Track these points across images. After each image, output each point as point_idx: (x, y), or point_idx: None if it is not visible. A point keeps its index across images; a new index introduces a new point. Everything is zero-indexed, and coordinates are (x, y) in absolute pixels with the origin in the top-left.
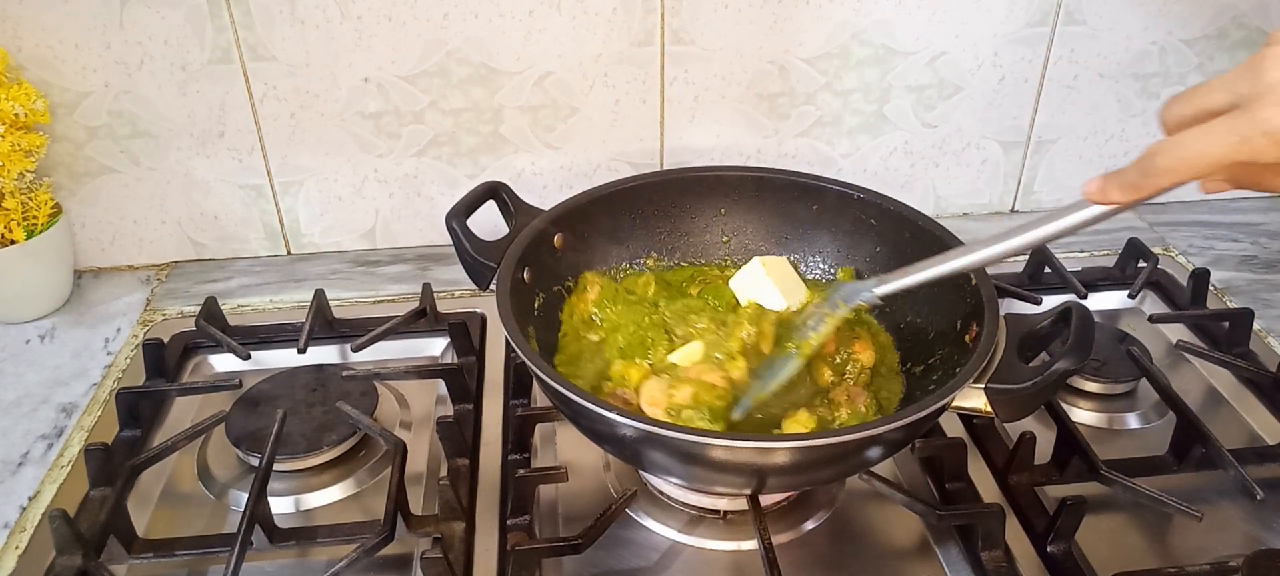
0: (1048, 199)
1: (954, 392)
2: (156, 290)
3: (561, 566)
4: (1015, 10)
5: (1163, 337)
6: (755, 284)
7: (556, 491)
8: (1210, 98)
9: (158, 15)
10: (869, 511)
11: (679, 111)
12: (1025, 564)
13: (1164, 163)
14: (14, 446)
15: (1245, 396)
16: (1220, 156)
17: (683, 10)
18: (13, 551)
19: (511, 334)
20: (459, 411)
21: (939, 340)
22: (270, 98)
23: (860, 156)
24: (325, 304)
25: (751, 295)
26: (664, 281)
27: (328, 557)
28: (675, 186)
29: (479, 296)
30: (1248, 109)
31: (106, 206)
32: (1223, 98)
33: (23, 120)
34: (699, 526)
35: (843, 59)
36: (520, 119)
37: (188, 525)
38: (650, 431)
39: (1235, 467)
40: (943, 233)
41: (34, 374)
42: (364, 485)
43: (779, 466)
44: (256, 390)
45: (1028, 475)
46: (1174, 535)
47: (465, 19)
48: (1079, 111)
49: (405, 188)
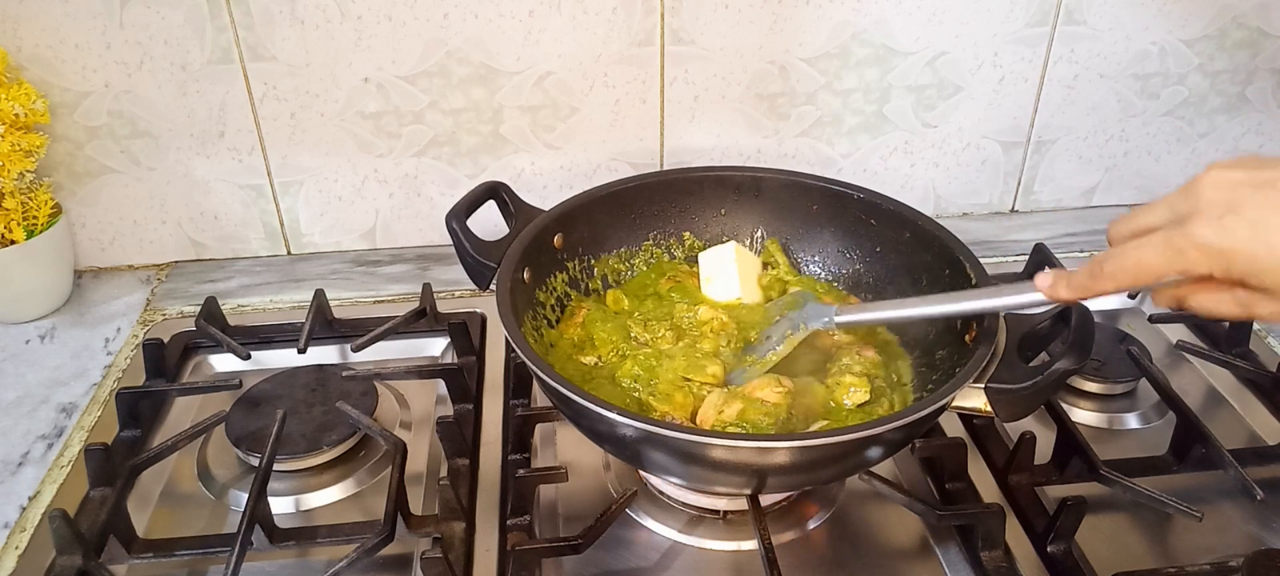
0: (1047, 199)
1: (954, 392)
2: (156, 290)
3: (561, 566)
4: (1015, 10)
5: (1163, 337)
6: (722, 265)
7: (556, 491)
8: (1152, 215)
9: (158, 15)
10: (869, 511)
11: (679, 111)
12: (1025, 564)
13: (1109, 269)
14: (14, 446)
15: (1245, 396)
16: (1157, 266)
17: (683, 10)
18: (13, 551)
19: (511, 334)
20: (459, 411)
21: (939, 340)
22: (270, 98)
23: (860, 156)
24: (325, 304)
25: (713, 273)
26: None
27: (328, 557)
28: (675, 186)
29: (479, 296)
30: (1183, 224)
31: (106, 206)
32: (1164, 215)
33: (23, 120)
34: (699, 526)
35: (843, 59)
36: (520, 119)
37: (188, 525)
38: (650, 431)
39: (1235, 467)
40: (943, 233)
41: (34, 374)
42: (364, 485)
43: (779, 466)
44: (256, 390)
45: (1028, 475)
46: (1174, 535)
47: (465, 19)
48: (1079, 111)
49: (405, 188)
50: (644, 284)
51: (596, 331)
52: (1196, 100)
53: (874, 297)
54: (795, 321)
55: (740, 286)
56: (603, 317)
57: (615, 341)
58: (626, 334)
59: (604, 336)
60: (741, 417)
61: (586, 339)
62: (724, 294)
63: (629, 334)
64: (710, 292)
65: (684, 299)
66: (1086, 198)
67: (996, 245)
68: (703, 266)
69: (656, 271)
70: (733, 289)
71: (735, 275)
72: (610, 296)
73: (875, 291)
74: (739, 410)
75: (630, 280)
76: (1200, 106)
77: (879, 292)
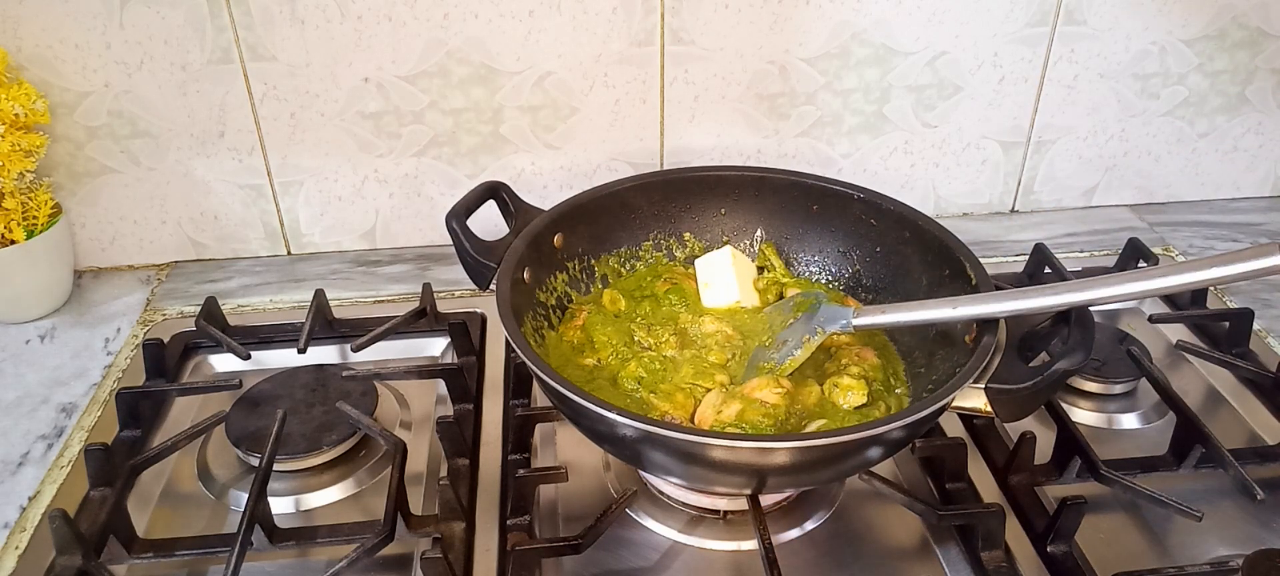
0: (1048, 199)
1: (954, 392)
2: (156, 290)
3: (561, 566)
4: (1015, 10)
5: (1163, 338)
6: (719, 271)
7: (556, 491)
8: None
9: (158, 15)
10: (869, 511)
11: (679, 111)
12: (1025, 564)
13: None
14: (14, 446)
15: (1245, 396)
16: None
17: (683, 10)
18: (13, 551)
19: (511, 334)
20: (459, 411)
21: (939, 340)
22: (270, 98)
23: (860, 156)
24: (325, 304)
25: (710, 279)
26: (626, 290)
27: (328, 557)
28: (675, 186)
29: (479, 296)
30: None
31: (106, 206)
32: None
33: (23, 120)
34: (699, 526)
35: (843, 59)
36: (520, 119)
37: (188, 525)
38: (650, 431)
39: (1235, 467)
40: (943, 233)
41: (34, 374)
42: (364, 485)
43: (779, 466)
44: (256, 390)
45: (1028, 475)
46: (1174, 535)
47: (465, 19)
48: (1079, 111)
49: (405, 188)
50: (640, 284)
51: (597, 334)
52: (1196, 100)
53: (874, 298)
54: (812, 325)
55: (738, 290)
56: (603, 321)
57: (615, 344)
58: (628, 337)
59: (604, 339)
60: (740, 418)
61: (586, 342)
62: (723, 299)
63: (631, 337)
64: (709, 298)
65: (681, 301)
66: (1086, 198)
67: (996, 245)
68: (700, 272)
69: (653, 272)
70: (732, 293)
71: (733, 279)
72: (607, 295)
73: (875, 292)
74: (738, 410)
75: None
76: (1200, 106)
77: (879, 293)
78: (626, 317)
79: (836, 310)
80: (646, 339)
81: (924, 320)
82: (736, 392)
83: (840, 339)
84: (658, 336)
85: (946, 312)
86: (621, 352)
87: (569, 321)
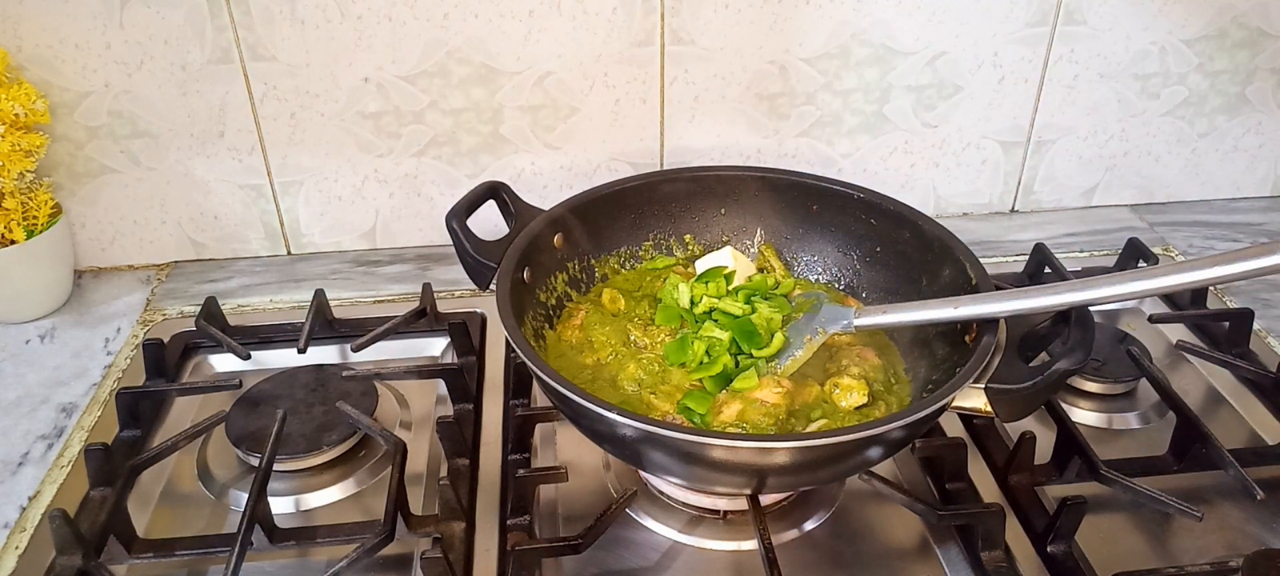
0: (1048, 199)
1: (954, 392)
2: (156, 290)
3: (561, 566)
4: (1015, 10)
5: (1163, 338)
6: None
7: (556, 491)
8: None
9: (158, 15)
10: (869, 511)
11: (679, 111)
12: (1025, 564)
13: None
14: (14, 446)
15: (1245, 396)
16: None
17: (683, 10)
18: (13, 551)
19: (511, 334)
20: (459, 411)
21: (939, 340)
22: (270, 98)
23: (860, 156)
24: (325, 304)
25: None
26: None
27: (328, 557)
28: (675, 186)
29: (479, 296)
30: None
31: (106, 206)
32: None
33: (23, 120)
34: (699, 526)
35: (843, 59)
36: (520, 119)
37: (188, 525)
38: (650, 431)
39: (1235, 467)
40: (943, 233)
41: (34, 374)
42: (364, 485)
43: (779, 466)
44: (256, 390)
45: (1028, 475)
46: (1174, 535)
47: (465, 19)
48: (1079, 111)
49: (405, 188)
50: (638, 284)
51: (595, 333)
52: (1196, 100)
53: (873, 298)
54: (813, 325)
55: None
56: (601, 320)
57: (614, 344)
58: (626, 337)
59: (603, 338)
60: (740, 418)
61: (585, 341)
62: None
63: (628, 337)
64: None
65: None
66: (1086, 198)
67: (996, 245)
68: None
69: (652, 273)
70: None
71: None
72: (606, 294)
73: (875, 292)
74: (738, 410)
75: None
76: (1200, 106)
77: (879, 293)
78: (625, 317)
79: (838, 310)
80: (642, 338)
81: (924, 320)
82: (736, 393)
83: (841, 339)
84: (653, 336)
85: (947, 312)
86: (620, 352)
87: (567, 320)
